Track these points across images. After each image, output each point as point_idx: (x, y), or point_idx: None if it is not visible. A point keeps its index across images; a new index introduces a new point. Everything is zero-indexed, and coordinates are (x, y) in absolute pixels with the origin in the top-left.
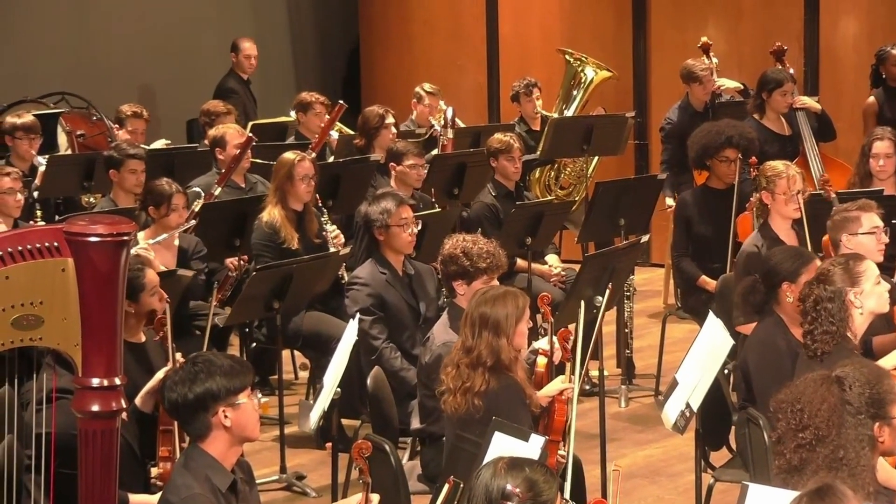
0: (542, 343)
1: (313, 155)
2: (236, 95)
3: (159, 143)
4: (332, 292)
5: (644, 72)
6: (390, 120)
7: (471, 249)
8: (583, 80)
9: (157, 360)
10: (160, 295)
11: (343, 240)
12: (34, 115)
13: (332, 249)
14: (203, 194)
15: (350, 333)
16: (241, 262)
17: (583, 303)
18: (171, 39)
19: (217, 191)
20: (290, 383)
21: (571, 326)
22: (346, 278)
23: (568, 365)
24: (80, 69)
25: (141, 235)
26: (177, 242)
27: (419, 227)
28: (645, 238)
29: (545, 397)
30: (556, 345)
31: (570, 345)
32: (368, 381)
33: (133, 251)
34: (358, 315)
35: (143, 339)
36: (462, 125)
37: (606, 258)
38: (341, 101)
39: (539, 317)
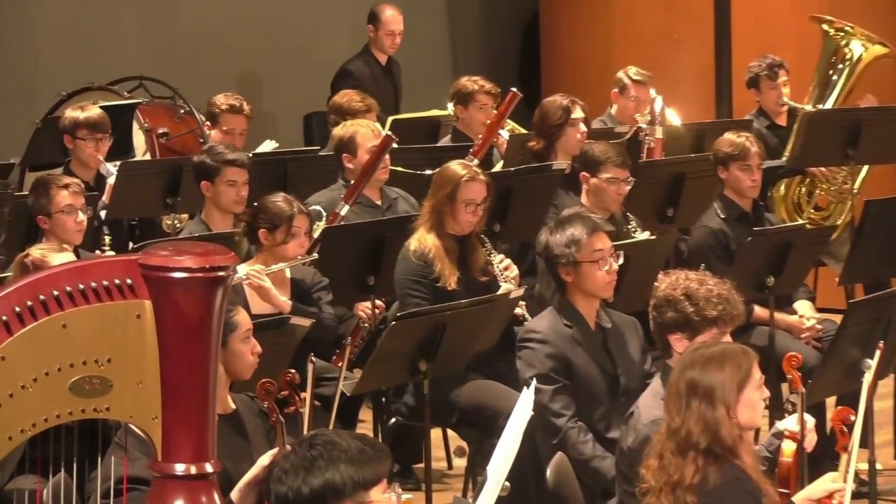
0: (788, 423)
1: (476, 162)
2: (353, 81)
3: (266, 146)
4: (500, 350)
5: None
6: (578, 114)
7: (696, 291)
8: (847, 59)
9: (258, 439)
10: (253, 344)
11: (517, 272)
12: (102, 108)
13: (503, 286)
14: (325, 215)
15: (524, 407)
16: (378, 309)
17: (868, 374)
18: (285, 9)
19: (343, 209)
20: (441, 474)
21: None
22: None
23: (843, 457)
24: (164, 47)
25: (241, 269)
26: (288, 274)
27: (620, 262)
28: None
29: (808, 501)
30: (809, 424)
31: (850, 430)
32: (548, 473)
33: (235, 277)
34: (534, 382)
35: (235, 406)
36: (676, 121)
37: (880, 306)
38: (514, 90)
39: (785, 386)
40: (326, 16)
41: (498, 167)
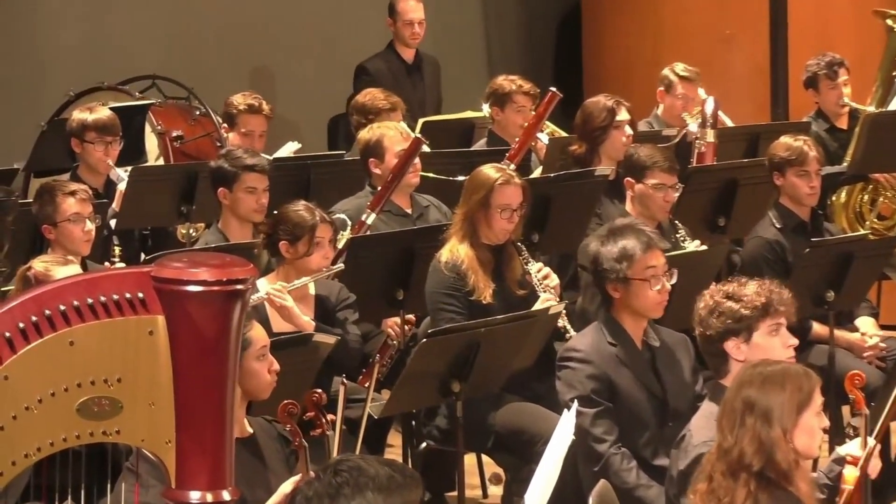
0: (851, 447)
1: (512, 167)
2: (369, 79)
3: (287, 149)
4: (538, 370)
5: None
6: (623, 116)
7: (737, 290)
8: None
9: (276, 465)
10: (269, 362)
11: (557, 281)
12: (112, 109)
13: (543, 297)
14: (350, 224)
15: (564, 432)
16: (407, 326)
17: None
18: (310, 3)
19: (370, 218)
20: (475, 503)
21: None
22: (570, 334)
23: None
24: (179, 44)
25: (262, 283)
26: (312, 290)
27: (673, 281)
28: None
29: None
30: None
31: None
32: (591, 502)
33: (255, 297)
34: (575, 405)
35: (251, 430)
36: (729, 123)
37: None
38: (553, 89)
39: (846, 409)
40: (353, 10)
41: (536, 173)
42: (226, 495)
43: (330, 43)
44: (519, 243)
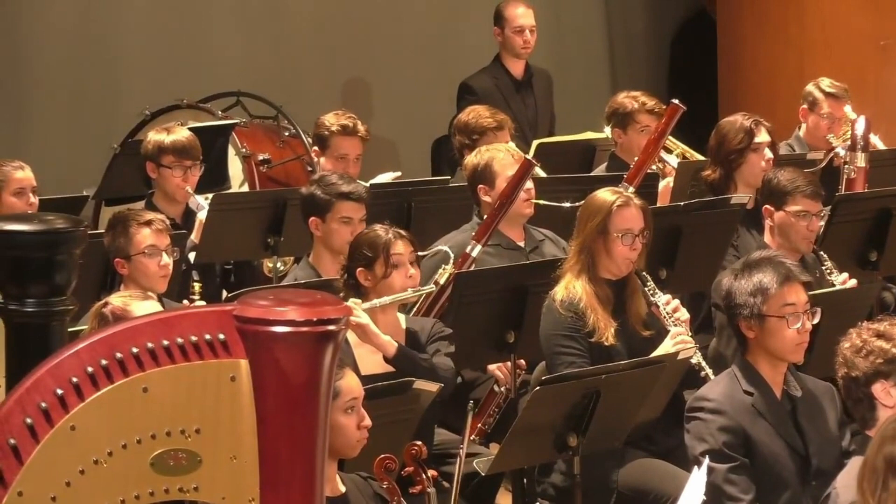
0: None
1: (631, 190)
2: (473, 98)
3: (385, 178)
4: (666, 422)
5: None
6: (763, 138)
7: (889, 329)
8: None
9: None
10: (360, 416)
11: (688, 315)
12: (191, 130)
13: (673, 331)
14: (453, 257)
15: (694, 491)
16: (519, 370)
17: None
18: (411, 13)
19: (475, 250)
20: None
21: None
22: (706, 372)
23: None
24: (265, 58)
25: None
26: (403, 323)
27: (816, 320)
28: None
29: None
30: None
31: None
32: None
33: None
34: (706, 461)
35: (344, 488)
36: (881, 146)
37: None
38: (675, 101)
39: None
40: (459, 21)
41: (662, 185)
42: None
43: (433, 55)
44: (643, 273)
